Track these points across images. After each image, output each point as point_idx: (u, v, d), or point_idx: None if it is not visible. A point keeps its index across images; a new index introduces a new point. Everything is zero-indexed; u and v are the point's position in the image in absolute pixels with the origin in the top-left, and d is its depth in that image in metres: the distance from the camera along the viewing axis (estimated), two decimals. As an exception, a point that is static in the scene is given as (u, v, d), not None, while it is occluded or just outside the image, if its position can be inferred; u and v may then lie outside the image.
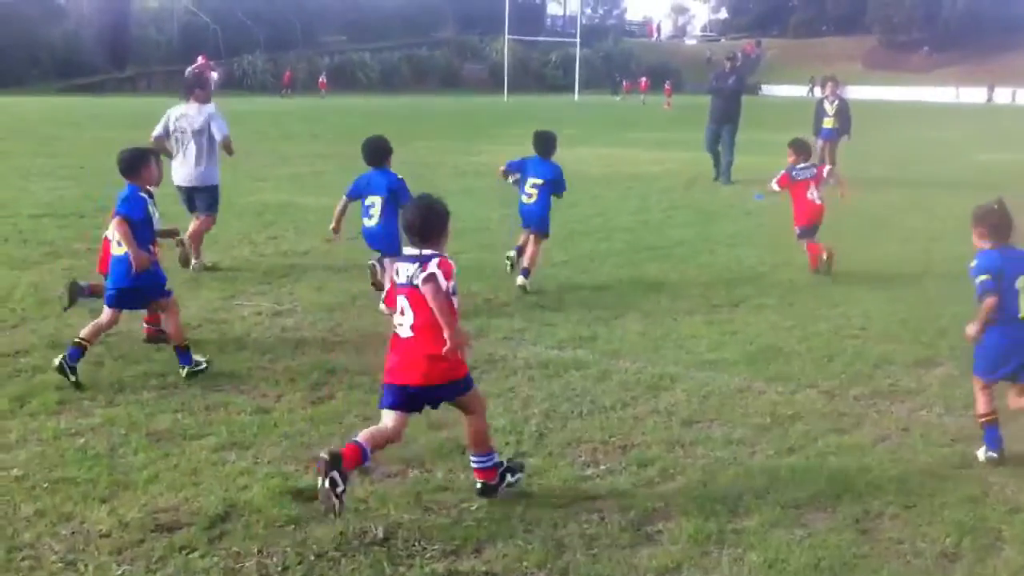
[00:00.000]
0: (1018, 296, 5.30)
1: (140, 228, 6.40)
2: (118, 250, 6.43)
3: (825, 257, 9.74)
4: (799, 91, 75.73)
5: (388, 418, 4.61)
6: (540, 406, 5.93)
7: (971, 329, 5.42)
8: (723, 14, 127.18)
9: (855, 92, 67.40)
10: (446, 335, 4.48)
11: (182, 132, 9.78)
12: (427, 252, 4.61)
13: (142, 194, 6.58)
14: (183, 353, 6.43)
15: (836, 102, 19.07)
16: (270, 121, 34.34)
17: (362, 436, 4.49)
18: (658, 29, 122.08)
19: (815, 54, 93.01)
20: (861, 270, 10.09)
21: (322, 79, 65.50)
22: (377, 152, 8.29)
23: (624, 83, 73.59)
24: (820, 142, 18.69)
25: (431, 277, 4.47)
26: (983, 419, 5.38)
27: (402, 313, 4.60)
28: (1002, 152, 25.84)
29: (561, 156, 9.88)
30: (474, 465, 4.74)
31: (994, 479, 4.97)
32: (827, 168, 10.93)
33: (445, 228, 4.81)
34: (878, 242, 11.83)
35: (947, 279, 9.25)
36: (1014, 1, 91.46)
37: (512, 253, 9.51)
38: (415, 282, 4.50)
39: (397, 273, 4.66)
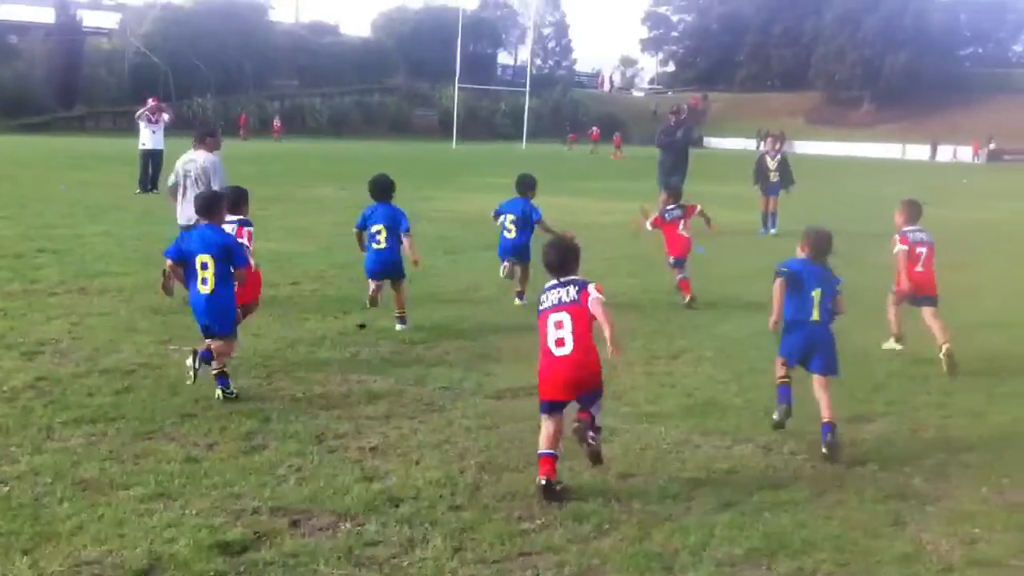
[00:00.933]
0: (813, 303, 6.52)
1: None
2: (203, 288, 6.91)
3: (687, 299, 10.92)
4: (744, 144, 77.03)
5: (551, 422, 5.51)
6: (476, 458, 5.88)
7: (771, 323, 6.62)
8: (671, 67, 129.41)
9: (799, 146, 68.94)
10: (609, 334, 5.48)
11: (186, 175, 10.46)
12: (574, 279, 5.69)
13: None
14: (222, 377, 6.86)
15: (778, 157, 19.49)
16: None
17: (544, 446, 5.45)
18: (610, 81, 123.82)
19: (760, 108, 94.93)
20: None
21: (276, 123, 65.60)
22: (383, 188, 9.53)
23: (570, 134, 74.35)
24: (763, 197, 19.25)
25: (597, 298, 5.55)
26: (779, 380, 6.62)
27: (559, 327, 5.53)
28: (934, 208, 26.38)
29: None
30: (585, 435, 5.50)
31: (927, 537, 5.01)
32: (698, 208, 11.65)
33: (578, 261, 5.84)
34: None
35: (883, 335, 9.36)
36: (952, 61, 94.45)
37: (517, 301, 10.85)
38: (575, 299, 5.56)
39: (546, 299, 5.66)
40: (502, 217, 10.91)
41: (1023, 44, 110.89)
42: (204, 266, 6.91)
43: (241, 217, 8.34)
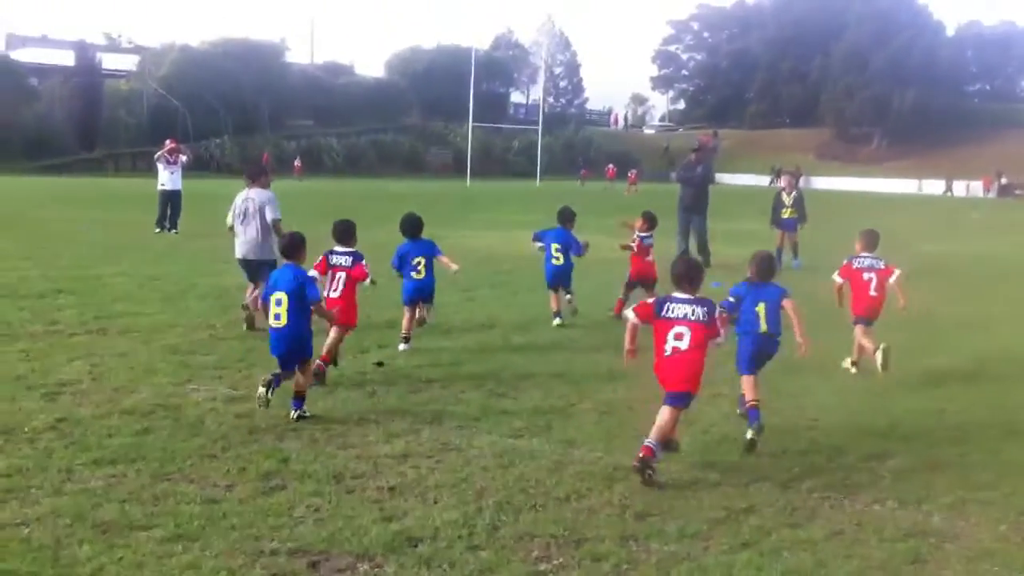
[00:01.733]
0: (759, 317, 7.49)
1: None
2: (276, 323, 7.61)
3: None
4: (754, 180, 77.23)
5: (667, 412, 6.45)
6: (494, 497, 5.87)
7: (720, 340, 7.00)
8: (681, 105, 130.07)
9: (811, 182, 68.89)
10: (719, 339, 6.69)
11: (244, 212, 11.14)
12: (705, 300, 6.64)
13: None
14: (298, 399, 7.53)
15: (794, 193, 19.84)
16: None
17: (653, 436, 6.29)
18: (625, 119, 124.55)
19: (770, 145, 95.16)
20: (814, 361, 10.17)
21: (297, 163, 66.21)
22: (414, 226, 10.53)
23: (583, 170, 74.68)
24: (779, 232, 19.54)
25: (715, 320, 6.56)
26: (750, 403, 7.29)
27: (680, 338, 6.46)
28: (946, 243, 26.42)
29: (523, 241, 10.41)
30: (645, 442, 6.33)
31: (947, 575, 4.97)
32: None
33: (703, 277, 6.85)
34: (830, 331, 11.95)
35: (899, 370, 9.34)
36: (960, 97, 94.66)
37: (556, 321, 11.89)
38: (701, 319, 6.48)
39: (671, 310, 6.53)
40: (542, 243, 12.17)
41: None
42: (279, 302, 7.59)
43: (353, 250, 9.27)
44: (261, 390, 7.39)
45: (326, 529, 5.29)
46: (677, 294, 6.64)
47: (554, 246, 12.00)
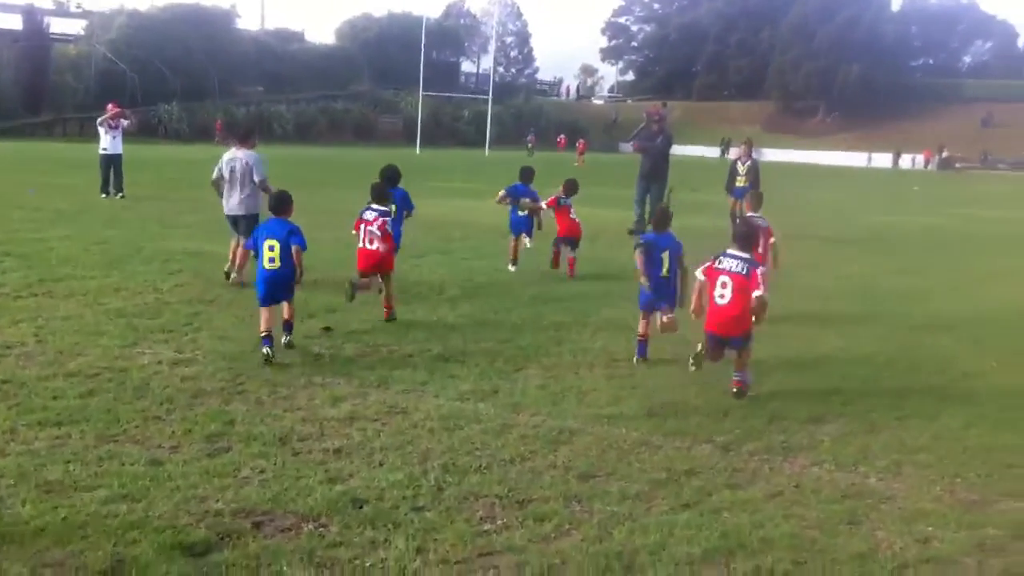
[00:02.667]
0: (662, 262, 8.66)
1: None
2: (271, 265, 8.45)
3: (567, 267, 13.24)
4: (703, 151, 77.63)
5: (737, 354, 7.70)
6: (439, 459, 5.90)
7: (639, 279, 8.68)
8: (630, 76, 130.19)
9: (760, 153, 69.46)
10: (763, 295, 7.61)
11: (232, 172, 11.78)
12: (749, 257, 7.78)
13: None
14: (288, 327, 8.63)
15: (748, 163, 20.26)
16: (184, 168, 33.97)
17: (738, 369, 7.70)
18: (577, 89, 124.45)
19: (718, 117, 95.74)
20: (760, 327, 10.33)
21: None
22: (393, 176, 11.54)
23: (530, 139, 74.75)
24: (732, 199, 19.89)
25: (763, 272, 7.76)
26: (639, 337, 8.70)
27: (724, 287, 7.61)
28: (888, 215, 26.89)
29: (471, 209, 10.39)
30: (735, 377, 7.64)
31: (882, 535, 5.11)
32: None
33: (758, 239, 8.39)
34: (772, 299, 12.13)
35: (841, 337, 9.52)
36: (904, 71, 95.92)
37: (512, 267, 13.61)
38: (742, 272, 7.59)
39: (721, 263, 7.73)
40: (509, 196, 13.77)
41: (972, 55, 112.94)
42: (272, 248, 8.47)
43: (386, 208, 10.23)
44: (281, 341, 8.53)
45: (271, 490, 5.29)
46: (731, 250, 7.81)
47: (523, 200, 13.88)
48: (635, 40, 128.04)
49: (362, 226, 10.04)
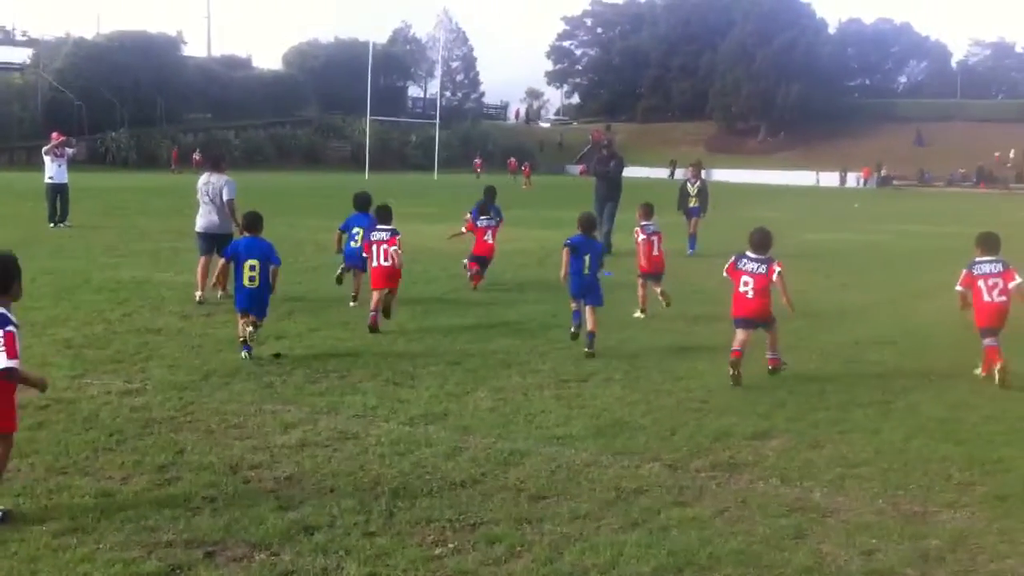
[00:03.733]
0: (584, 262, 10.11)
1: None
2: (251, 284, 9.27)
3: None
4: (647, 172, 78.22)
5: (741, 333, 9.00)
6: (390, 484, 5.91)
7: (561, 274, 10.33)
8: (575, 99, 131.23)
9: (709, 174, 70.17)
10: (786, 298, 9.06)
11: (205, 193, 12.88)
12: (767, 258, 9.15)
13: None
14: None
15: (698, 183, 21.32)
16: (132, 196, 33.67)
17: (736, 347, 8.89)
18: (526, 113, 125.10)
19: (662, 138, 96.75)
20: (705, 344, 10.50)
21: (196, 156, 65.57)
22: (364, 202, 13.08)
23: (476, 163, 75.04)
24: (687, 219, 21.05)
25: (780, 273, 9.04)
26: (574, 307, 10.32)
27: (747, 284, 9.05)
28: (827, 232, 27.38)
29: (421, 233, 10.61)
30: (769, 356, 9.18)
31: (827, 548, 5.20)
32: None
33: (773, 243, 9.31)
34: (720, 317, 12.30)
35: (785, 352, 9.67)
36: (841, 92, 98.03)
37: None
38: (762, 272, 9.03)
39: (744, 264, 9.14)
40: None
41: (908, 75, 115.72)
42: (252, 267, 9.24)
43: (393, 227, 11.14)
44: (243, 354, 9.18)
45: (222, 519, 5.27)
46: (749, 253, 9.20)
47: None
48: (579, 64, 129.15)
49: (373, 247, 10.93)
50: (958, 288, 9.69)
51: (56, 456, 6.21)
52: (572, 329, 10.37)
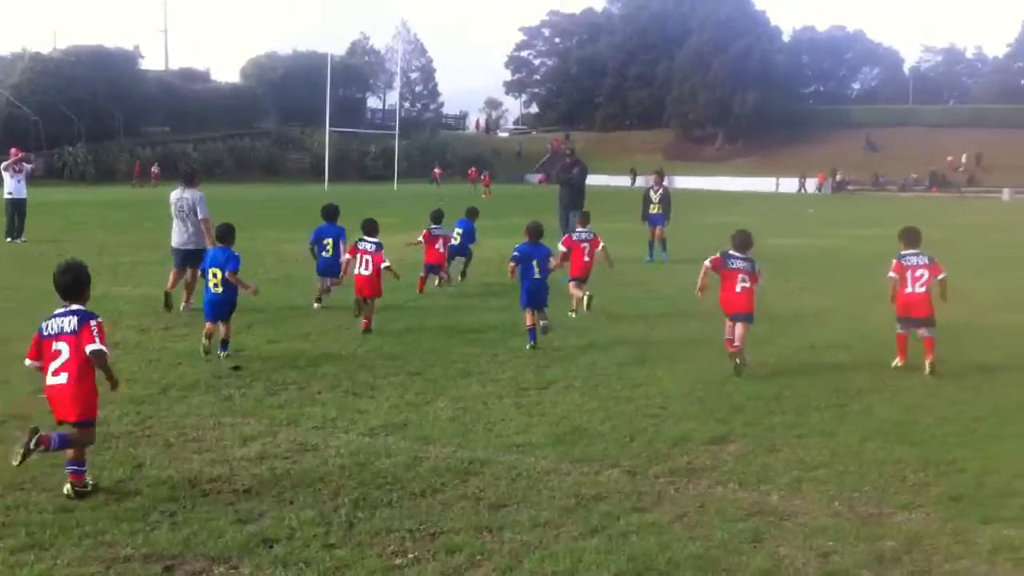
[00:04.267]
0: (534, 267, 10.82)
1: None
2: (216, 289, 10.02)
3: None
4: (606, 180, 78.55)
5: (741, 327, 9.82)
6: (350, 495, 5.91)
7: (511, 277, 11.22)
8: (534, 109, 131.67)
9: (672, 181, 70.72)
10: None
11: (179, 209, 13.03)
12: (749, 257, 10.00)
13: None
14: (225, 344, 9.90)
15: (660, 191, 21.66)
16: (90, 210, 33.31)
17: (739, 343, 9.74)
18: (486, 123, 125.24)
19: (620, 146, 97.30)
20: (663, 352, 10.58)
21: (155, 169, 65.12)
22: (331, 212, 13.99)
23: (436, 172, 75.07)
24: (649, 227, 21.36)
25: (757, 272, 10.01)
26: (528, 326, 10.74)
27: (744, 281, 9.85)
28: (785, 237, 27.62)
29: (385, 242, 10.82)
30: (738, 344, 9.71)
31: (785, 551, 5.25)
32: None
33: (752, 246, 10.13)
34: (679, 323, 12.41)
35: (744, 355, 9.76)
36: (796, 99, 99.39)
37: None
38: (752, 270, 9.94)
39: (733, 263, 9.91)
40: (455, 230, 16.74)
41: (861, 81, 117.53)
42: (215, 275, 9.99)
43: (377, 241, 11.87)
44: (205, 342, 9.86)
45: (181, 533, 5.23)
46: (734, 253, 9.93)
47: (457, 230, 16.83)
48: (537, 74, 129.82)
49: (358, 255, 11.70)
50: (891, 275, 10.24)
51: (14, 473, 6.11)
52: (529, 344, 10.63)
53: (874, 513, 5.87)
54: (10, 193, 22.92)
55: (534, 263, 10.88)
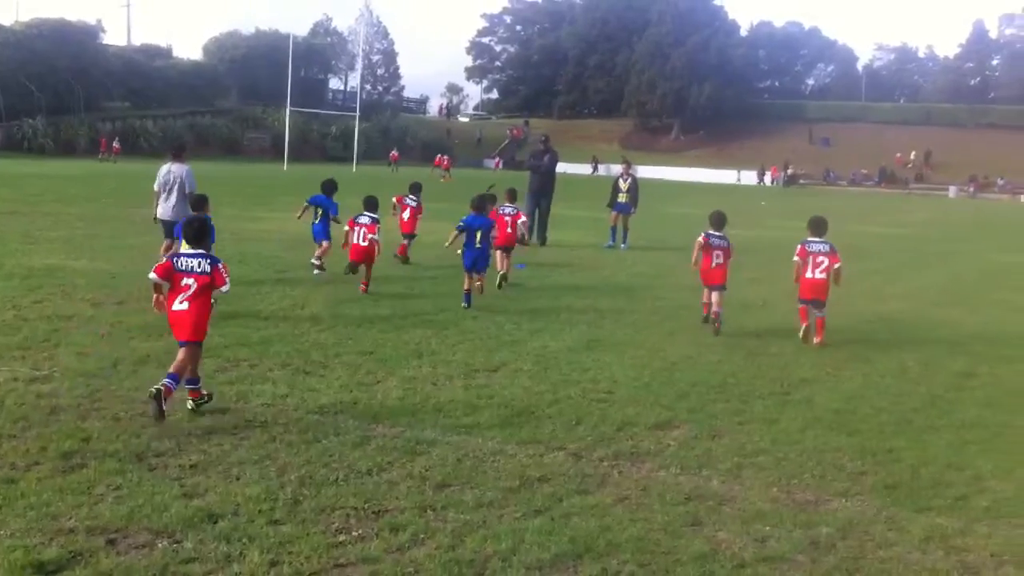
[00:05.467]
0: (476, 237, 12.19)
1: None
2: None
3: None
4: (564, 168, 78.61)
5: (717, 295, 11.36)
6: (297, 472, 5.94)
7: (448, 245, 12.98)
8: (495, 95, 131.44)
9: (614, 170, 71.04)
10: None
11: (166, 182, 13.79)
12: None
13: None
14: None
15: (628, 180, 21.90)
16: (48, 183, 32.81)
17: (716, 307, 11.24)
18: (448, 109, 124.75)
19: (578, 135, 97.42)
20: (612, 337, 10.70)
21: (116, 144, 64.35)
22: (326, 186, 15.19)
23: (393, 155, 74.70)
24: (614, 213, 21.69)
25: (730, 247, 11.68)
26: (465, 289, 12.12)
27: (719, 256, 11.50)
28: (740, 228, 27.88)
29: (337, 226, 10.98)
30: (716, 310, 11.20)
31: (723, 536, 5.37)
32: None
33: (726, 223, 11.76)
34: (630, 311, 12.54)
35: (690, 345, 9.92)
36: (752, 92, 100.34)
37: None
38: (726, 246, 11.56)
39: (712, 241, 11.53)
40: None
41: (815, 77, 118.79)
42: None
43: (376, 216, 13.14)
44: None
45: (126, 506, 5.24)
46: (712, 231, 11.54)
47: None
48: (499, 60, 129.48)
49: (355, 227, 12.93)
50: (796, 259, 11.27)
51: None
52: (464, 306, 11.91)
53: (811, 500, 6.02)
54: None
55: (477, 233, 12.22)
